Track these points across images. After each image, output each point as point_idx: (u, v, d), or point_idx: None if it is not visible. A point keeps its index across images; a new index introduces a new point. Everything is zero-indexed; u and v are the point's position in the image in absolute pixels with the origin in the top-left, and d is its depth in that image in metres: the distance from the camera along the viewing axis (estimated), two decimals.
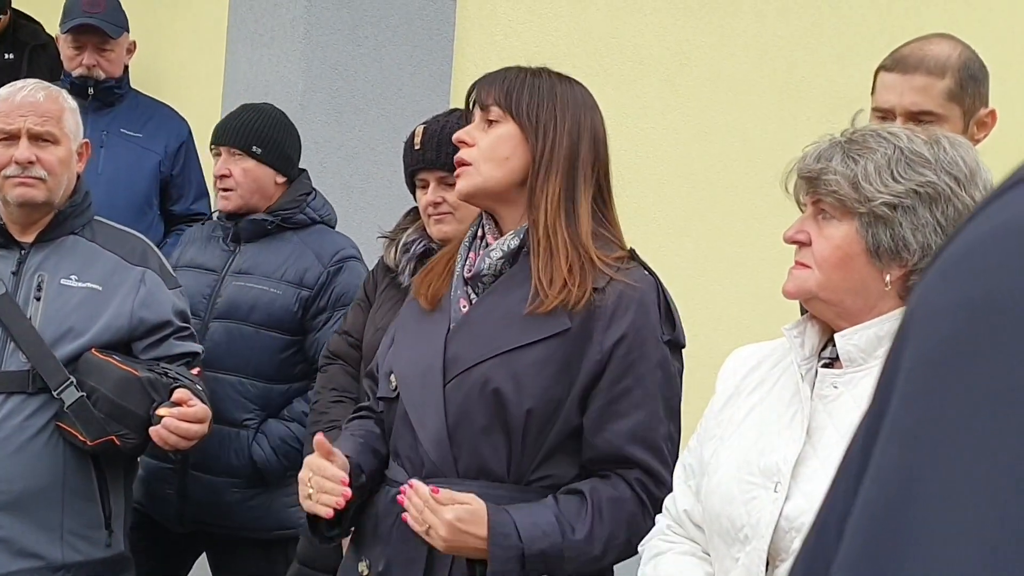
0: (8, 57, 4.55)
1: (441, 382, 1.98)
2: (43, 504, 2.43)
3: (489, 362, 1.95)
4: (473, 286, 2.05)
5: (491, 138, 2.02)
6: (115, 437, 2.43)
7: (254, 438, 2.88)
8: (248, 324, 2.89)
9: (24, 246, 2.57)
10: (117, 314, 2.53)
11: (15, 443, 2.42)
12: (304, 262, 2.94)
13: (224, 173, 2.94)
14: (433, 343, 2.02)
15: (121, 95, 3.76)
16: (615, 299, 1.94)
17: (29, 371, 2.44)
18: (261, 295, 2.90)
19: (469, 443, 1.96)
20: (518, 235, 2.02)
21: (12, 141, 2.55)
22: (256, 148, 2.94)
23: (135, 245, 2.64)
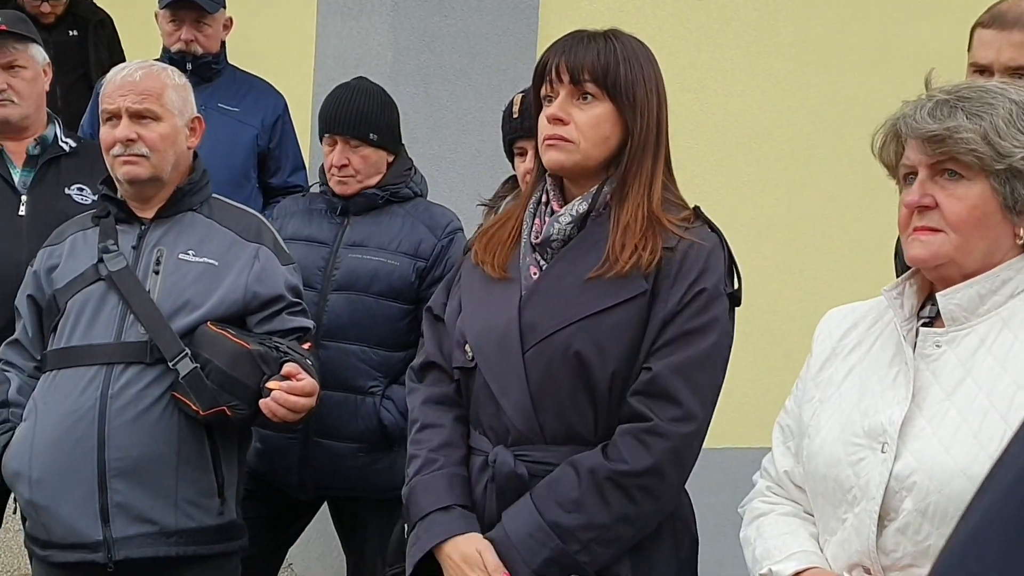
0: (72, 34, 4.72)
1: (520, 350, 2.06)
2: (158, 471, 2.56)
3: (570, 328, 2.03)
4: (541, 252, 2.12)
5: (591, 117, 2.08)
6: (226, 408, 2.54)
7: (381, 403, 3.03)
8: (369, 295, 3.06)
9: (144, 222, 2.73)
10: (232, 288, 2.67)
11: (133, 411, 2.56)
12: (417, 234, 3.10)
13: (343, 163, 3.08)
14: (506, 311, 2.10)
15: (218, 70, 3.91)
16: (683, 256, 2.03)
17: (147, 342, 2.59)
18: (380, 266, 3.05)
19: (555, 409, 2.05)
20: (586, 200, 2.10)
21: (116, 121, 2.70)
22: (372, 135, 3.11)
23: (250, 222, 2.79)
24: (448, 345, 2.20)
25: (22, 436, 2.59)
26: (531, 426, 2.04)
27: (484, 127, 4.45)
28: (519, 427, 2.04)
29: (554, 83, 2.09)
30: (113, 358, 2.56)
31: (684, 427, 2.00)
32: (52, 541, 2.56)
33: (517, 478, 2.04)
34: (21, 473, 2.57)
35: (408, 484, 2.17)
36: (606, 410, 2.04)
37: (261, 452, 3.03)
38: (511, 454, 2.05)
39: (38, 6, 4.49)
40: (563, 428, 2.04)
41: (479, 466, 2.10)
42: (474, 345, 2.11)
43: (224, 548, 2.64)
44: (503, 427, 2.07)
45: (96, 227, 2.73)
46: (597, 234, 2.07)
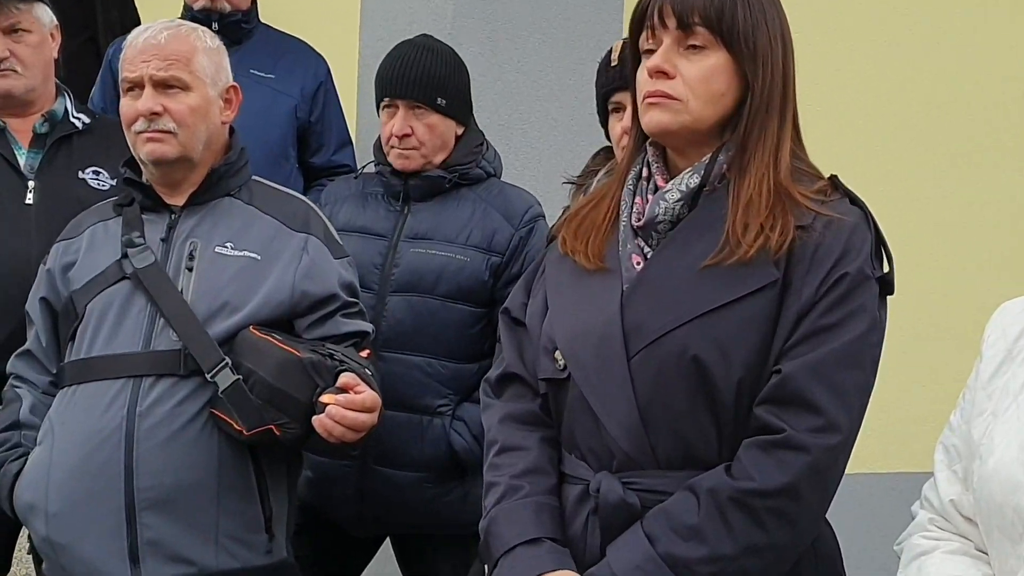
0: None
1: (624, 355, 1.99)
2: (196, 502, 2.57)
3: (685, 327, 1.96)
4: (645, 237, 2.06)
5: (701, 70, 2.00)
6: (274, 426, 2.55)
7: (451, 424, 3.01)
8: (434, 297, 3.05)
9: (174, 210, 2.75)
10: (277, 287, 2.67)
11: (165, 432, 2.57)
12: (491, 223, 3.08)
13: (405, 132, 3.06)
14: (604, 309, 2.03)
15: (249, 30, 3.93)
16: (820, 235, 1.95)
17: (180, 351, 2.60)
18: (447, 263, 3.04)
19: (669, 426, 1.98)
20: (697, 172, 2.03)
21: (138, 91, 2.71)
22: (440, 100, 3.09)
23: (297, 208, 2.80)
24: (531, 353, 2.15)
25: (37, 463, 2.61)
26: (640, 448, 1.98)
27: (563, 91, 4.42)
28: (626, 449, 1.99)
29: (656, 30, 2.01)
30: (141, 370, 2.58)
31: (825, 438, 1.91)
32: None
33: (626, 509, 1.98)
34: (36, 506, 2.58)
35: (487, 516, 2.13)
36: (731, 427, 1.97)
37: (313, 481, 3.04)
38: (618, 481, 1.99)
39: None
40: (679, 450, 1.98)
41: (577, 496, 2.05)
42: (566, 352, 2.05)
43: None
44: (605, 450, 2.01)
45: (119, 217, 2.74)
46: (713, 213, 2.00)
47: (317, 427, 2.51)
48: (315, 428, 2.51)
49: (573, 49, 4.44)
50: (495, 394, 2.24)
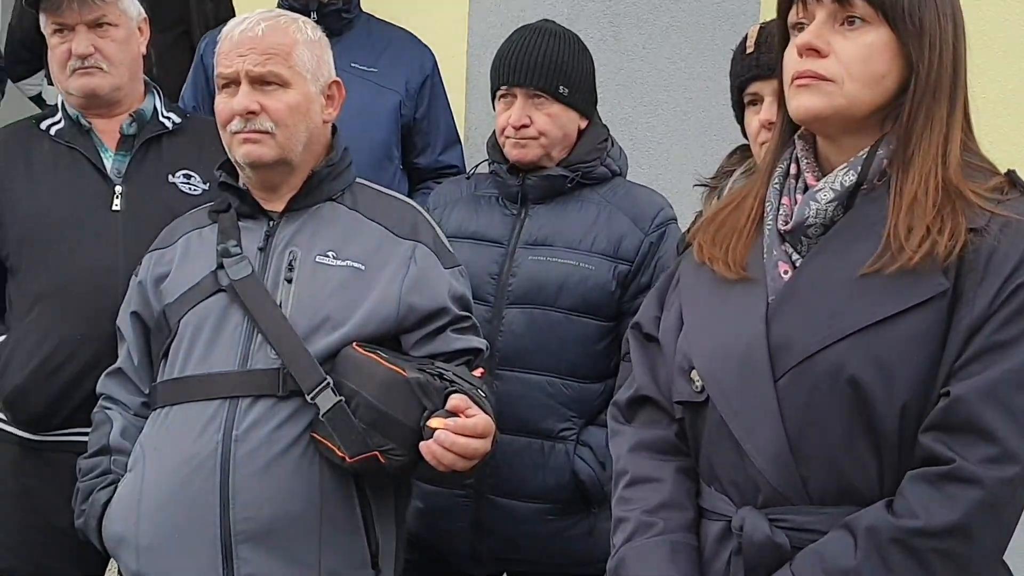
0: None
1: (770, 377, 1.95)
2: (296, 535, 2.59)
3: (840, 344, 1.90)
4: (794, 242, 2.02)
5: (859, 47, 1.95)
6: (379, 453, 2.55)
7: (576, 451, 2.99)
8: (555, 309, 3.04)
9: (273, 216, 2.78)
10: (383, 299, 2.68)
11: (263, 458, 2.59)
12: (618, 227, 3.07)
13: (524, 122, 3.07)
14: (747, 324, 1.99)
15: (350, 20, 3.95)
16: (995, 239, 1.88)
17: (279, 370, 2.62)
18: (571, 272, 3.03)
19: (822, 457, 1.93)
20: (853, 168, 1.98)
21: (234, 88, 2.74)
22: (563, 88, 3.09)
23: (404, 213, 2.81)
24: (665, 372, 2.13)
25: (127, 491, 2.65)
26: (790, 481, 1.94)
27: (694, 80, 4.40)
28: (773, 482, 1.95)
29: (809, 2, 1.97)
30: (237, 391, 2.61)
31: (1000, 470, 1.84)
32: None
33: (775, 549, 1.94)
34: (126, 539, 2.63)
35: (616, 555, 2.11)
36: (894, 458, 1.91)
37: (423, 513, 3.05)
38: (764, 518, 1.96)
39: None
40: (834, 483, 1.93)
41: (718, 534, 2.03)
42: (704, 372, 2.02)
43: None
44: (750, 482, 1.98)
45: (214, 224, 2.78)
46: (872, 214, 1.94)
47: (425, 454, 2.50)
48: (423, 455, 2.51)
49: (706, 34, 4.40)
50: (625, 419, 2.22)
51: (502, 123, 3.12)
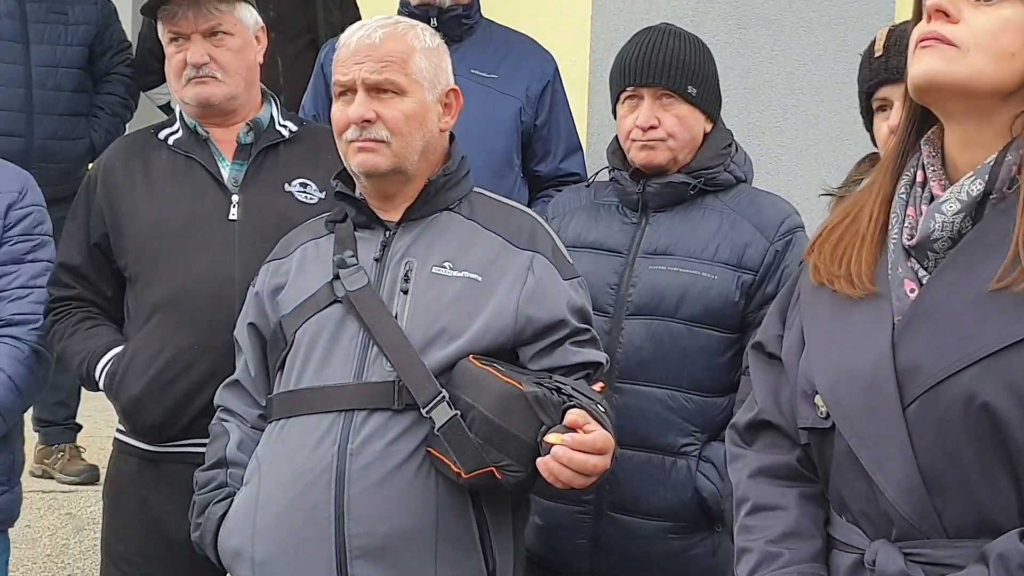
0: None
1: (898, 403, 1.86)
2: (412, 552, 2.58)
3: (971, 369, 1.80)
4: (920, 257, 1.92)
5: (992, 20, 1.84)
6: (495, 468, 2.53)
7: (698, 467, 2.96)
8: (677, 320, 3.00)
9: (389, 226, 2.78)
10: (499, 311, 2.67)
11: (378, 473, 2.59)
12: (741, 236, 3.03)
13: (652, 123, 3.05)
14: (873, 347, 1.90)
15: (471, 26, 3.96)
16: None
17: (394, 383, 2.62)
18: (692, 282, 3.00)
19: (956, 488, 1.84)
20: (980, 176, 1.87)
21: (350, 96, 2.75)
22: (691, 88, 3.06)
23: (523, 223, 2.80)
24: (788, 394, 2.06)
25: (243, 505, 2.67)
26: (923, 514, 1.85)
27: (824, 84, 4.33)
28: (906, 515, 1.86)
29: None
30: (353, 403, 2.61)
31: None
32: None
33: None
34: (242, 553, 2.64)
35: None
36: None
37: (542, 530, 3.03)
38: (899, 552, 1.87)
39: None
40: (971, 515, 1.83)
41: (850, 567, 1.95)
42: (828, 398, 1.94)
43: None
44: (882, 514, 1.90)
45: (331, 235, 2.79)
46: (1002, 226, 1.83)
47: (542, 470, 2.47)
48: (540, 471, 2.48)
49: (837, 35, 4.33)
50: (745, 443, 2.16)
51: (627, 126, 3.09)
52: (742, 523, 2.09)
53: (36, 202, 3.39)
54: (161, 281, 3.12)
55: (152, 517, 3.14)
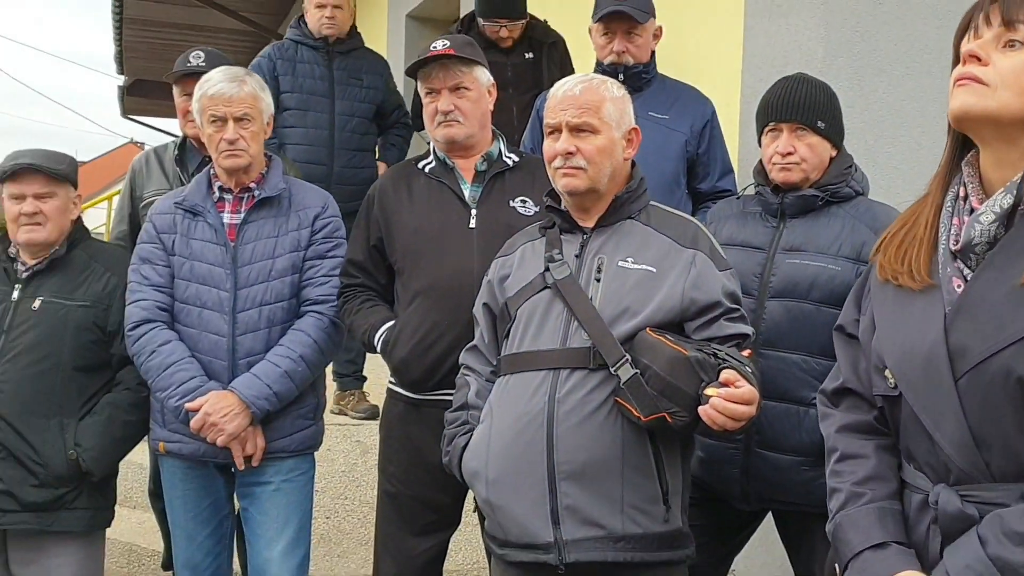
0: (528, 56, 4.89)
1: (951, 377, 1.79)
2: (604, 476, 2.55)
3: (1008, 350, 1.73)
4: (964, 259, 1.84)
5: (1016, 62, 1.77)
6: (667, 414, 2.49)
7: None
8: (808, 302, 2.91)
9: (586, 231, 2.76)
10: (669, 295, 2.62)
11: (578, 416, 2.57)
12: (859, 236, 2.91)
13: (789, 150, 2.98)
14: (928, 331, 1.83)
15: (649, 79, 3.91)
16: None
17: (590, 348, 2.59)
18: (820, 272, 2.90)
19: (1001, 444, 1.76)
20: (1010, 192, 1.79)
21: (557, 135, 2.75)
22: (820, 123, 2.97)
23: (687, 228, 2.74)
24: (865, 368, 1.99)
25: (479, 438, 2.68)
26: (974, 464, 1.78)
27: (924, 118, 4.16)
28: (960, 466, 1.79)
29: (979, 29, 1.82)
30: (559, 363, 2.59)
31: None
32: (508, 541, 2.62)
33: (965, 519, 1.78)
34: (479, 472, 2.66)
35: (833, 520, 1.99)
36: None
37: (704, 461, 2.97)
38: (956, 494, 1.80)
39: (497, 31, 4.71)
40: (1013, 465, 1.76)
41: (918, 505, 1.88)
42: (896, 371, 1.87)
43: (671, 556, 2.59)
44: (942, 464, 1.83)
45: (542, 237, 2.79)
46: None
47: (703, 416, 2.43)
48: (701, 417, 2.44)
49: (935, 80, 4.18)
50: (833, 405, 2.10)
51: (770, 152, 3.01)
52: (832, 468, 2.03)
53: (334, 214, 3.47)
54: (421, 273, 3.15)
55: (414, 446, 3.17)
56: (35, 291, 3.41)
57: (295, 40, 5.13)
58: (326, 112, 5.04)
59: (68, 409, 3.34)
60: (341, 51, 5.14)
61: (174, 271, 3.33)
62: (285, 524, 3.31)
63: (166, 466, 3.41)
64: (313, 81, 5.03)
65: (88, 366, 3.39)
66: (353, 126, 5.11)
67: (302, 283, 3.36)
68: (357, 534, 4.51)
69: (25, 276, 3.44)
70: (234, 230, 3.35)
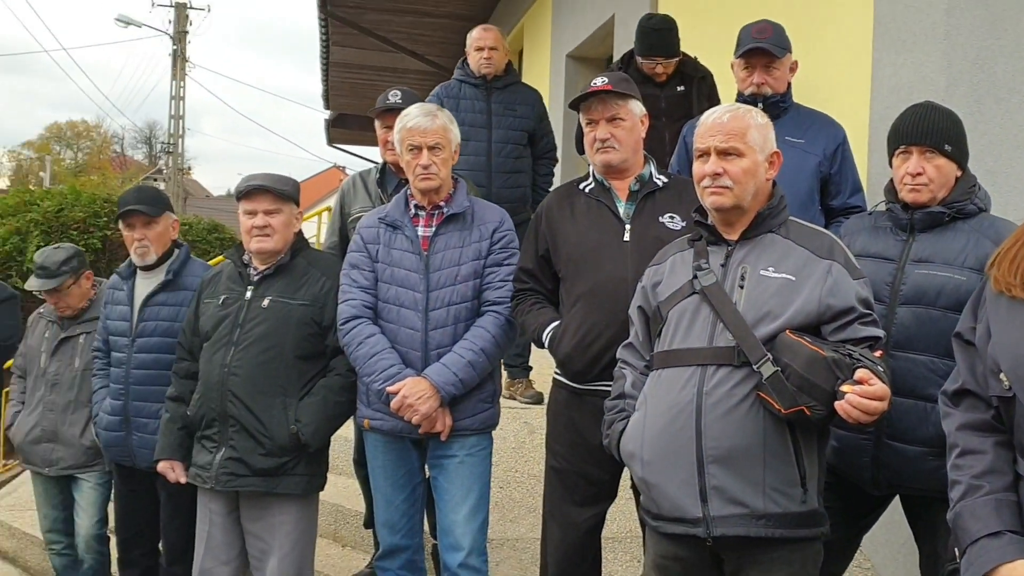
0: (680, 89, 4.82)
1: None
2: (747, 461, 2.50)
3: None
4: None
5: None
6: (805, 407, 2.42)
7: None
8: (935, 308, 2.79)
9: (730, 243, 2.70)
10: (807, 301, 2.55)
11: (724, 407, 2.52)
12: (983, 249, 2.78)
13: (919, 171, 2.87)
14: None
15: (785, 108, 3.80)
16: None
17: (735, 347, 2.54)
18: (947, 281, 2.78)
19: None
20: None
21: (706, 158, 2.69)
22: (947, 146, 2.85)
23: (823, 240, 2.66)
24: (982, 371, 1.90)
25: (635, 423, 2.65)
26: None
27: None
28: None
29: None
30: (706, 360, 2.54)
31: None
32: (661, 514, 2.59)
33: None
34: (635, 454, 2.63)
35: (953, 510, 1.91)
36: None
37: (837, 450, 2.87)
38: None
39: (653, 67, 4.69)
40: None
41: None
42: (1010, 374, 1.79)
43: (807, 533, 2.51)
44: None
45: (691, 249, 2.74)
46: None
47: (839, 410, 2.36)
48: (837, 411, 2.36)
49: None
50: (953, 405, 2.02)
51: (900, 173, 2.89)
52: (953, 462, 1.97)
53: (509, 228, 3.50)
54: (581, 280, 3.14)
55: (576, 428, 3.17)
56: (264, 292, 3.55)
57: (460, 79, 5.22)
58: (484, 140, 5.10)
59: (290, 391, 3.45)
60: (498, 86, 5.20)
61: (377, 275, 3.41)
62: (468, 491, 3.36)
63: (369, 440, 3.50)
64: (474, 114, 5.09)
65: (306, 355, 3.49)
66: (508, 151, 5.15)
67: (482, 287, 3.40)
68: (526, 502, 4.53)
69: (256, 279, 3.58)
70: (426, 241, 3.41)
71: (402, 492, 3.44)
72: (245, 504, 3.50)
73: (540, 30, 9.78)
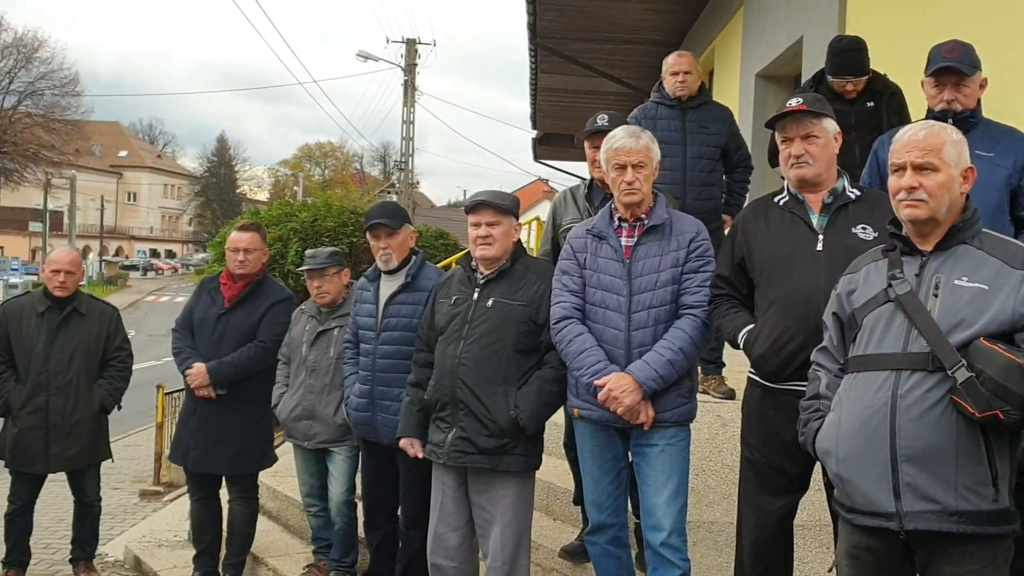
0: (870, 105, 4.61)
1: None
2: (940, 460, 2.38)
3: None
4: None
5: None
6: (999, 412, 2.30)
7: None
8: None
9: (924, 254, 2.58)
10: (1001, 310, 2.41)
11: (918, 410, 2.41)
12: None
13: None
14: None
15: (975, 123, 3.58)
16: None
17: (929, 353, 2.43)
18: None
19: None
20: None
21: (902, 172, 2.58)
22: None
23: (1016, 251, 2.51)
24: None
25: (830, 423, 2.57)
26: None
27: None
28: None
29: None
30: (901, 365, 2.44)
31: None
32: (855, 508, 2.50)
33: None
34: (830, 451, 2.55)
35: None
36: None
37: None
38: None
39: (844, 85, 4.53)
40: None
41: None
42: None
43: (998, 530, 2.37)
44: None
45: (885, 259, 2.63)
46: None
47: None
48: None
49: None
50: None
51: None
52: None
53: (705, 238, 3.46)
54: (775, 287, 3.07)
55: (770, 423, 3.10)
56: (488, 293, 3.67)
57: (656, 101, 5.18)
58: (679, 156, 5.03)
59: (510, 380, 3.56)
60: (692, 106, 5.12)
61: (585, 281, 3.46)
62: (669, 477, 3.35)
63: (578, 427, 3.55)
64: (669, 132, 5.03)
65: (524, 349, 3.59)
66: (702, 166, 5.06)
67: (680, 291, 3.38)
68: (720, 489, 4.46)
69: (482, 282, 3.71)
70: (629, 250, 3.43)
71: (608, 475, 3.47)
72: (472, 479, 3.63)
73: (731, 51, 9.56)
